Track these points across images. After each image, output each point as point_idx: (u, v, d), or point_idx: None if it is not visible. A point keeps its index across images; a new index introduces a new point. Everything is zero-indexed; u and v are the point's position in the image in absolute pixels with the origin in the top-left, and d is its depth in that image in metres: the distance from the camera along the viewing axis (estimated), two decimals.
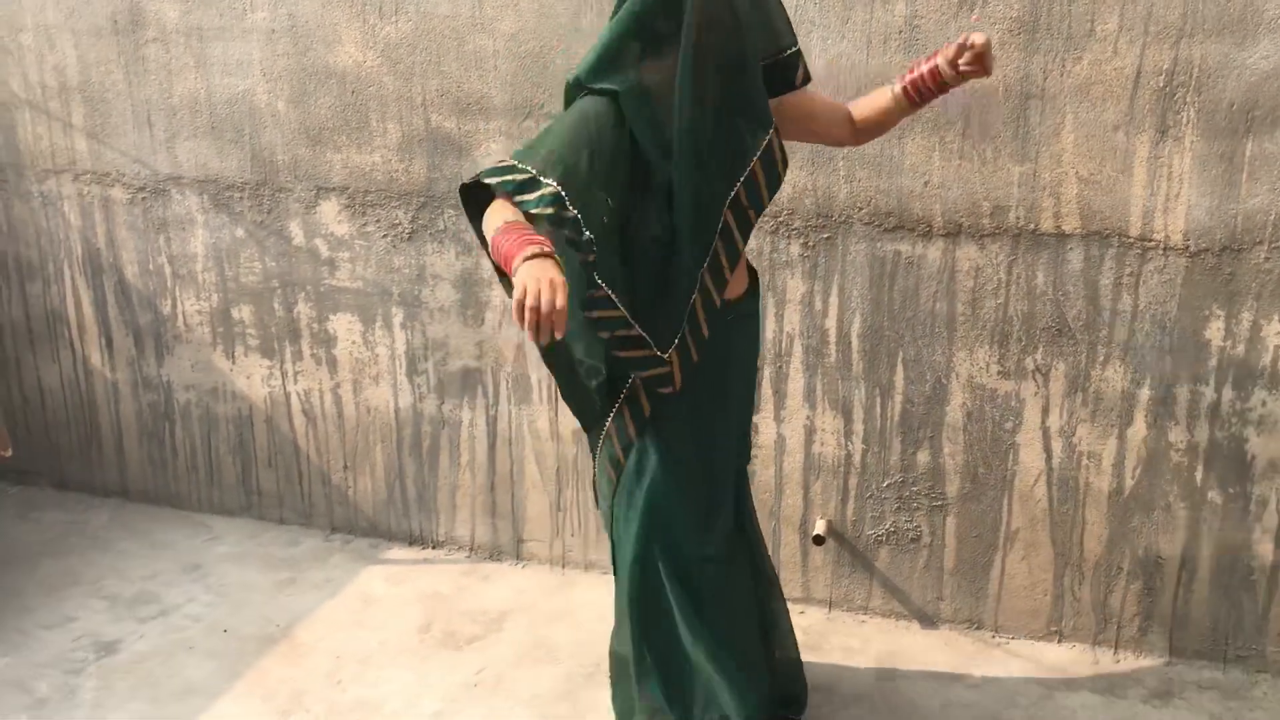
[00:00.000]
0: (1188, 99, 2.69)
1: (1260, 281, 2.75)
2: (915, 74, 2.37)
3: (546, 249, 1.84)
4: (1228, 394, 2.85)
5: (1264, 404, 2.83)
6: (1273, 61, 2.61)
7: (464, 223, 3.35)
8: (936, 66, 2.33)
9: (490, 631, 3.29)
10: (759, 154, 2.21)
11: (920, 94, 2.38)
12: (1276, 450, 2.85)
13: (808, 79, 2.36)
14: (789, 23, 2.32)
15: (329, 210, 3.48)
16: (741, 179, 2.22)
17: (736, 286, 2.43)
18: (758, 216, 2.28)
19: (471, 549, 3.68)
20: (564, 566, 3.59)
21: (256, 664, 3.14)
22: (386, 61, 3.29)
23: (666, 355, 2.30)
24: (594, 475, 2.62)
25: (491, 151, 3.26)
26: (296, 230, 3.54)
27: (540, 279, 1.77)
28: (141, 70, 3.54)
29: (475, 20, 3.17)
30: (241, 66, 3.44)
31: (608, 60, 2.16)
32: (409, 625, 3.32)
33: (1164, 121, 2.71)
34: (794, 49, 2.31)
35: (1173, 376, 2.87)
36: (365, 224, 3.46)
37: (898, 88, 2.41)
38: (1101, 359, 2.91)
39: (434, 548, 3.72)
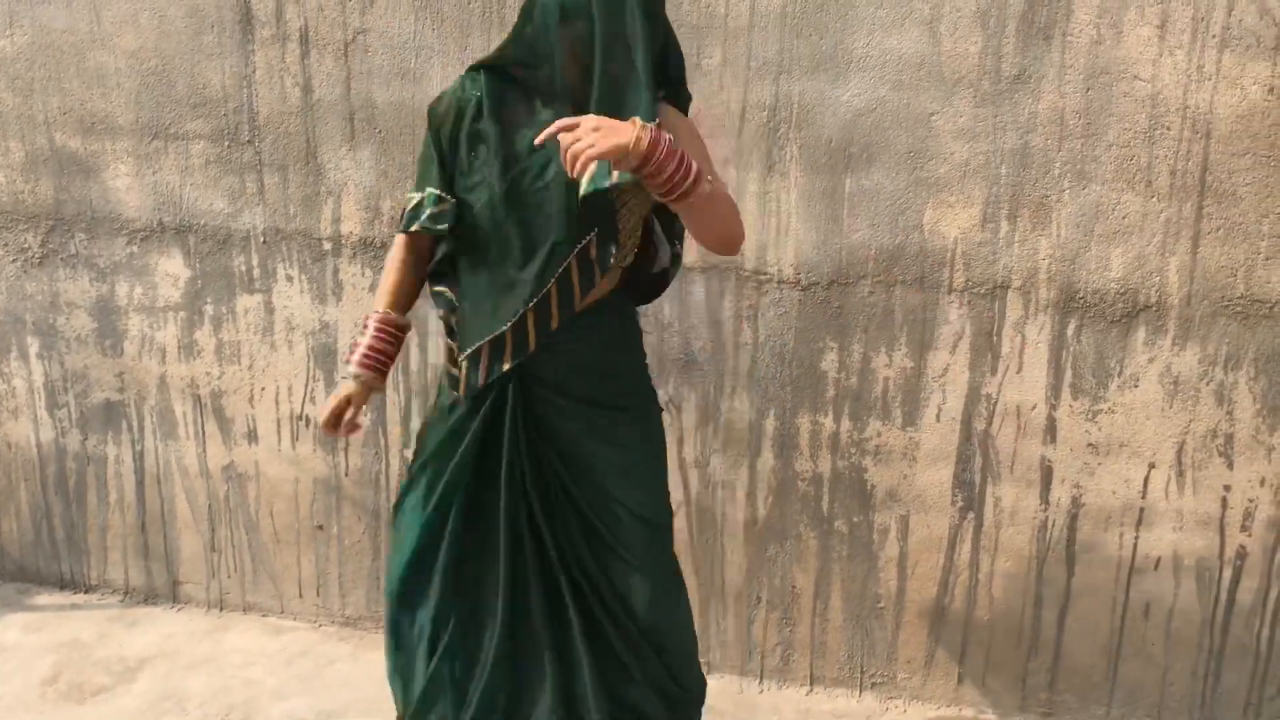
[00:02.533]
0: (790, 135, 2.71)
1: (867, 315, 2.79)
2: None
3: (363, 364, 2.16)
4: (845, 424, 2.88)
5: (879, 434, 2.87)
6: (864, 99, 2.65)
7: (96, 247, 3.18)
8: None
9: (121, 682, 3.10)
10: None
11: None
12: (893, 480, 2.89)
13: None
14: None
15: None
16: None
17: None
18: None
19: (126, 592, 3.48)
20: (221, 609, 3.42)
21: None
22: (4, 76, 3.09)
23: (460, 359, 2.13)
24: None
25: (120, 173, 3.09)
26: None
27: (324, 407, 2.19)
28: None
29: (94, 36, 3.00)
30: None
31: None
32: (34, 678, 3.11)
33: (770, 157, 2.73)
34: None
35: (795, 407, 2.89)
36: None
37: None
38: (729, 390, 2.91)
39: (86, 591, 3.51)
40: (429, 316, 3.02)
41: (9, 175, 3.17)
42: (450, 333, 2.17)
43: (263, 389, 3.19)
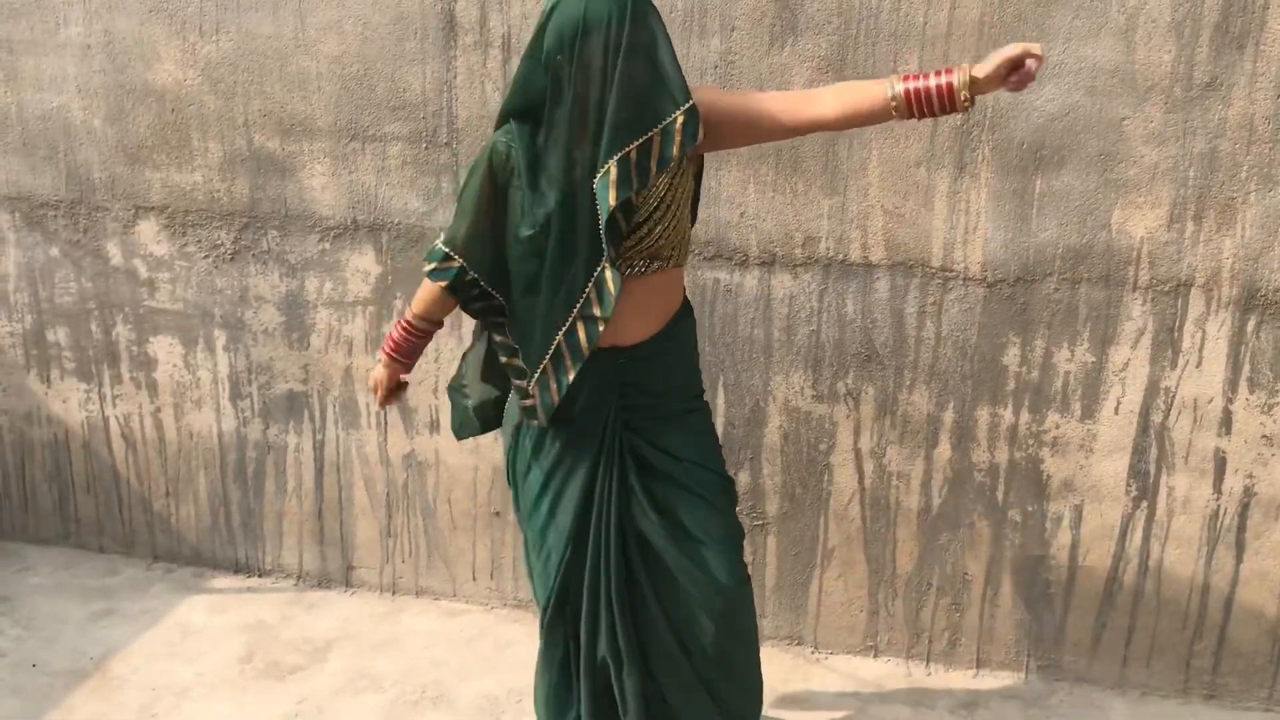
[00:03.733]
0: (983, 137, 2.83)
1: (1051, 311, 2.90)
2: (923, 85, 2.09)
3: (386, 353, 2.51)
4: (1024, 417, 3.00)
5: (1057, 426, 2.99)
6: (1056, 104, 2.77)
7: (289, 244, 3.31)
8: (951, 86, 2.07)
9: (313, 662, 3.24)
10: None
11: (921, 110, 2.10)
12: (1069, 470, 3.01)
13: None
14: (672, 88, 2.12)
15: (148, 230, 3.39)
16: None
17: (634, 329, 2.32)
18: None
19: (299, 577, 3.62)
20: (394, 593, 3.56)
21: (64, 700, 3.03)
22: (207, 80, 3.23)
23: (529, 386, 2.30)
24: None
25: (316, 172, 3.23)
26: (114, 250, 3.44)
27: (372, 377, 2.58)
28: None
29: (298, 41, 3.14)
30: (55, 82, 3.33)
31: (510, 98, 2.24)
32: (229, 656, 3.25)
33: (962, 158, 2.85)
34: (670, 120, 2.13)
35: (974, 400, 3.01)
36: (185, 244, 3.38)
37: (899, 91, 2.10)
38: (908, 383, 3.04)
39: (260, 576, 3.64)
40: None
41: (206, 175, 3.31)
42: (519, 375, 2.34)
43: (447, 380, 3.31)
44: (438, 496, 3.44)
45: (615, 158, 2.08)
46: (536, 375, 2.27)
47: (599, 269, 2.18)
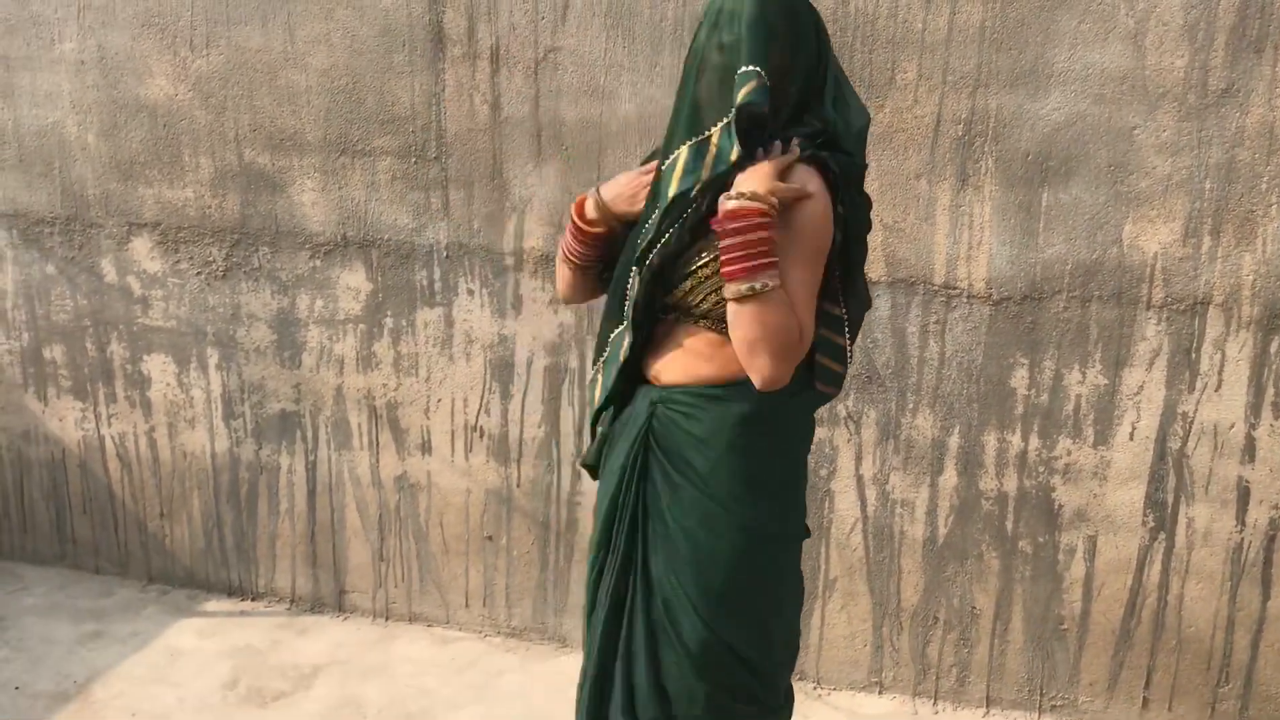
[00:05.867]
0: (986, 148, 2.70)
1: (1060, 330, 2.76)
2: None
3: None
4: (1034, 442, 2.85)
5: (1069, 453, 2.83)
6: (1064, 113, 2.63)
7: (280, 261, 3.26)
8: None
9: (299, 688, 3.15)
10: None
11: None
12: (1082, 499, 2.85)
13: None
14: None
15: (141, 247, 3.36)
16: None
17: (660, 366, 2.03)
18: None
19: (292, 600, 3.54)
20: (387, 619, 3.47)
21: None
22: (198, 95, 3.19)
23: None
24: None
25: (306, 188, 3.17)
26: (108, 267, 3.41)
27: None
28: None
29: (287, 55, 3.09)
30: (50, 98, 3.31)
31: None
32: (214, 682, 3.17)
33: (964, 170, 2.72)
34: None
35: (980, 424, 2.87)
36: (178, 261, 3.34)
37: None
38: (911, 406, 2.90)
39: (253, 599, 3.57)
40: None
41: (198, 191, 3.26)
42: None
43: (439, 400, 3.24)
44: (430, 520, 3.35)
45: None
46: (591, 376, 2.14)
47: (631, 278, 1.98)
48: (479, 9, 2.92)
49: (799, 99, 1.90)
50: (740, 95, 1.80)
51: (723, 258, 1.81)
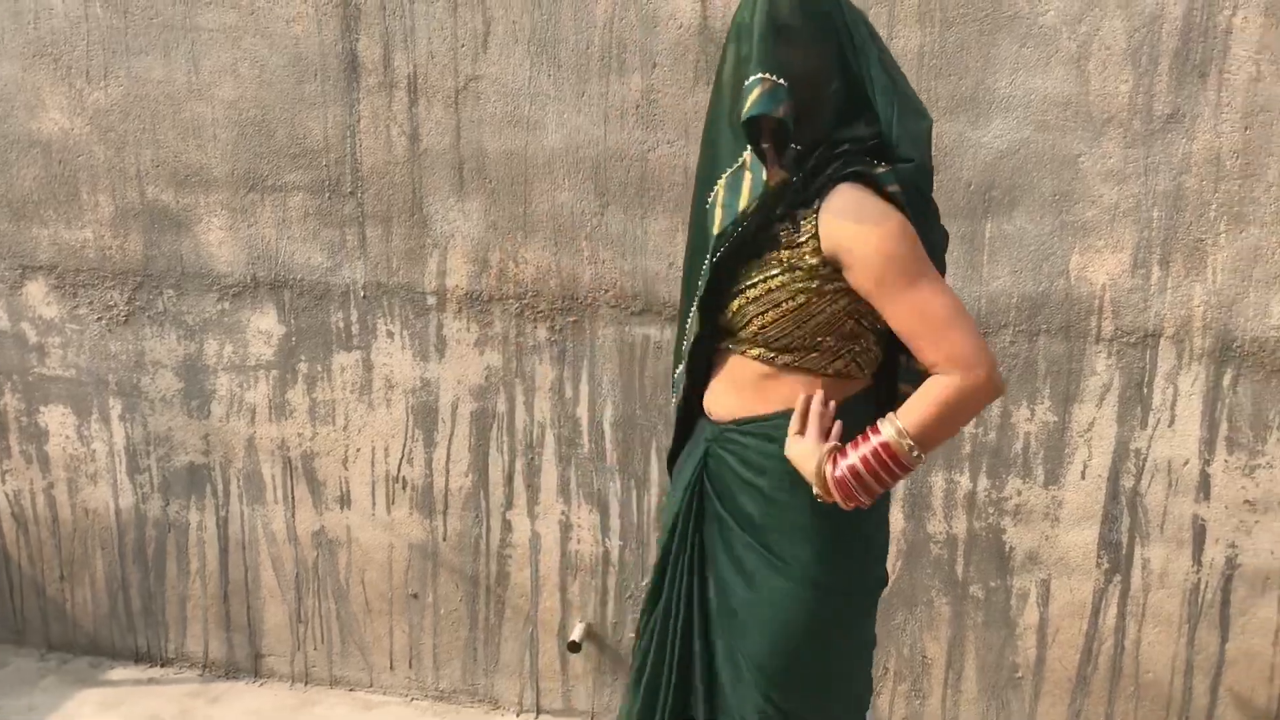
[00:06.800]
0: None
1: (1008, 365, 2.65)
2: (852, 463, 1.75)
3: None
4: (983, 483, 2.73)
5: (1019, 493, 2.72)
6: (1006, 141, 2.54)
7: (186, 304, 3.05)
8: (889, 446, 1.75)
9: None
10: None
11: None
12: (1034, 541, 2.73)
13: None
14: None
15: (36, 291, 3.13)
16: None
17: (713, 399, 1.92)
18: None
19: (204, 666, 3.31)
20: (306, 684, 3.25)
21: None
22: (96, 129, 2.99)
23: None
24: None
25: (213, 226, 2.98)
26: (0, 313, 3.17)
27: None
28: None
29: (191, 87, 2.91)
30: None
31: None
32: None
33: None
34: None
35: (927, 465, 2.74)
36: (77, 306, 3.12)
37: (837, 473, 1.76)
38: None
39: (161, 666, 3.33)
40: (535, 372, 2.90)
41: (97, 231, 3.06)
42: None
43: (358, 450, 3.05)
44: (350, 577, 3.14)
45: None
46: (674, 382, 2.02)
47: (690, 316, 1.89)
48: (395, 36, 2.77)
49: (844, 100, 1.74)
50: (745, 109, 1.68)
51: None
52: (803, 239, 1.73)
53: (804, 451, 1.76)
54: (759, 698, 1.85)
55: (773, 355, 1.80)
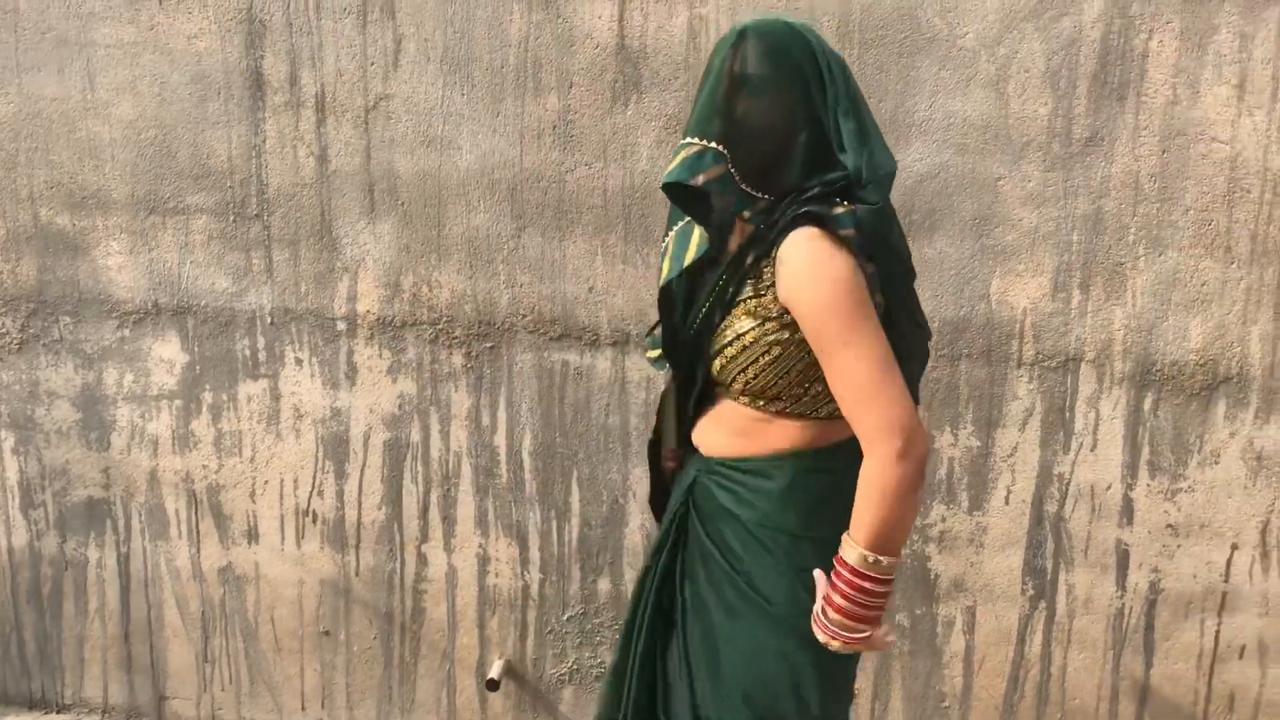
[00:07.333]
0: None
1: (929, 391, 2.61)
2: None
3: None
4: None
5: (943, 519, 2.68)
6: (926, 164, 2.51)
7: (83, 331, 2.92)
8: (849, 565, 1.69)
9: None
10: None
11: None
12: (959, 568, 2.70)
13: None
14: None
15: None
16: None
17: (720, 443, 1.86)
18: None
19: (104, 711, 3.15)
20: None
21: None
22: None
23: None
24: None
25: (112, 251, 2.85)
26: None
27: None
28: None
29: (87, 105, 2.78)
30: None
31: None
32: None
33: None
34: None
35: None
36: None
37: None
38: None
39: (58, 711, 3.17)
40: (450, 399, 2.80)
41: None
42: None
43: (266, 483, 2.93)
44: (259, 615, 3.01)
45: None
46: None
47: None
48: (301, 54, 2.67)
49: (815, 149, 1.68)
50: (665, 171, 1.67)
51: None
52: (765, 286, 1.70)
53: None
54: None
55: (763, 403, 1.78)
